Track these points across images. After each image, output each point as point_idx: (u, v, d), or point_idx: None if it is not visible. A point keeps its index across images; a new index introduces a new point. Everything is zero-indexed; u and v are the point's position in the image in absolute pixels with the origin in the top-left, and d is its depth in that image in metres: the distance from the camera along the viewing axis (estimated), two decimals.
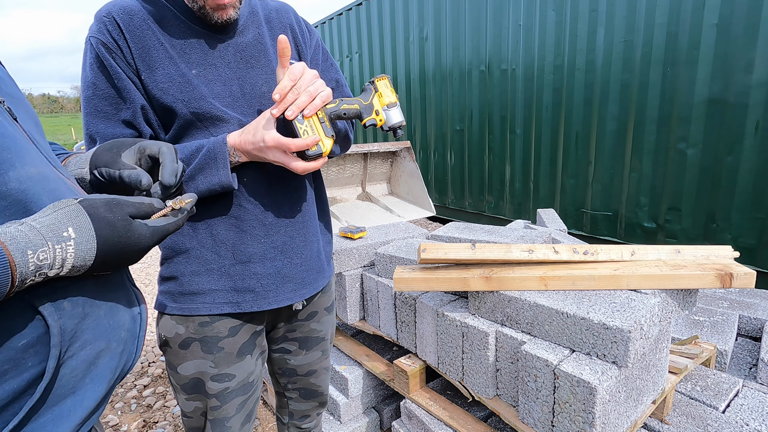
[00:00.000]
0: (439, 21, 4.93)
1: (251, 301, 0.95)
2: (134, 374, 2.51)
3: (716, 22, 2.79)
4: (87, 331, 0.51)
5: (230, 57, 0.91)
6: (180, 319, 0.94)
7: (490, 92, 4.49)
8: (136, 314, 0.60)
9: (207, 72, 0.88)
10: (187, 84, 0.86)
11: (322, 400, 1.24)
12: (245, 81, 0.92)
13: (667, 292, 1.18)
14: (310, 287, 1.03)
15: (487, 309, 1.30)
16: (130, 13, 0.84)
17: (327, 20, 6.97)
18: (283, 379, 1.19)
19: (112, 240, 0.48)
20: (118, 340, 0.55)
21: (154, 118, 0.88)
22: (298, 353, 1.13)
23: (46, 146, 0.59)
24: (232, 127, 0.90)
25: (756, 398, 1.34)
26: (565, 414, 1.05)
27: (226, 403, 0.99)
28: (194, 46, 0.88)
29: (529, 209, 4.30)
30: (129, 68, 0.84)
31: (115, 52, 0.83)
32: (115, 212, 0.49)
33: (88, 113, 0.86)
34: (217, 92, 0.89)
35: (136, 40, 0.84)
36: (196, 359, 0.96)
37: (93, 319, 0.52)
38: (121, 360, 0.57)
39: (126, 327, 0.57)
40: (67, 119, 63.42)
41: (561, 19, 3.70)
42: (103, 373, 0.53)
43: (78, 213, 0.46)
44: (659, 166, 3.21)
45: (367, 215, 3.30)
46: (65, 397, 0.49)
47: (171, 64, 0.85)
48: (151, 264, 4.54)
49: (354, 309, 1.85)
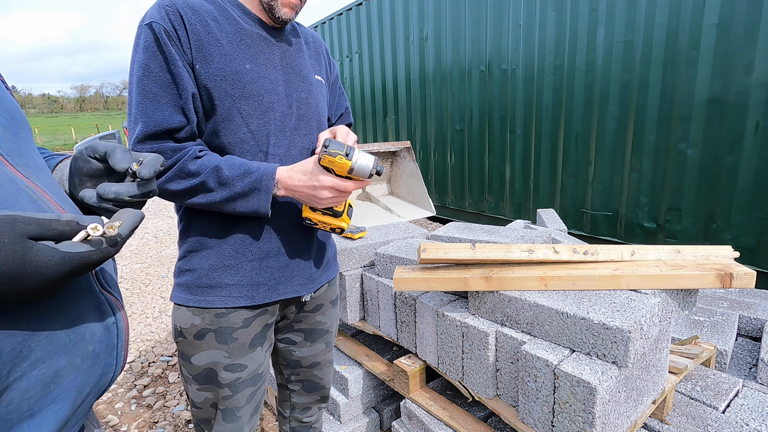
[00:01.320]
0: (439, 21, 4.93)
1: (264, 294, 1.00)
2: (134, 374, 2.51)
3: (716, 22, 2.79)
4: (37, 348, 0.45)
5: (278, 59, 0.99)
6: (196, 311, 0.98)
7: (490, 92, 4.49)
8: (110, 324, 0.54)
9: (259, 69, 0.95)
10: (238, 81, 0.91)
11: (323, 394, 1.27)
12: (289, 83, 1.00)
13: (667, 292, 1.18)
14: (317, 281, 1.11)
15: (487, 309, 1.30)
16: (193, 7, 0.89)
17: (327, 20, 6.97)
18: (287, 371, 1.22)
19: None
20: (83, 356, 0.49)
21: (200, 107, 0.92)
22: (303, 344, 1.18)
23: (12, 144, 0.53)
24: (270, 124, 0.96)
25: (756, 398, 1.34)
26: (565, 414, 1.05)
27: (237, 393, 1.02)
28: (248, 43, 0.94)
29: (529, 209, 4.30)
30: (185, 57, 0.88)
31: (174, 39, 0.86)
32: (4, 230, 0.38)
33: (139, 93, 0.87)
34: (266, 89, 0.95)
35: (195, 33, 0.88)
36: (211, 349, 0.99)
37: (45, 335, 0.46)
38: (92, 375, 0.51)
39: (96, 339, 0.51)
40: (67, 119, 63.45)
41: (561, 19, 3.70)
42: (67, 392, 0.48)
43: None
44: (659, 166, 3.21)
45: (367, 215, 3.30)
46: (21, 422, 0.44)
47: (225, 60, 0.90)
48: (150, 264, 4.54)
49: (354, 309, 1.85)
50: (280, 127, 0.98)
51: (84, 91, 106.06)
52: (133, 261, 4.73)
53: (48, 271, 0.41)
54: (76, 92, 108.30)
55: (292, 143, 1.01)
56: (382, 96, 6.16)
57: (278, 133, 0.98)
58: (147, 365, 2.60)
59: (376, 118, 6.42)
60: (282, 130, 0.98)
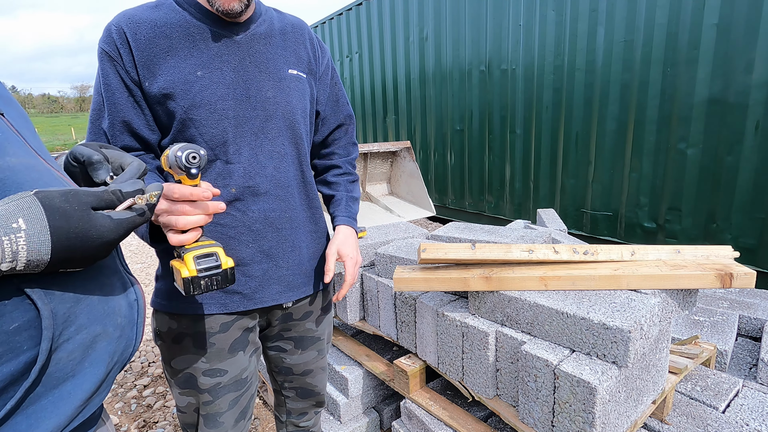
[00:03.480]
0: (439, 21, 4.93)
1: (238, 302, 0.98)
2: (134, 374, 2.51)
3: (716, 22, 2.79)
4: (81, 315, 0.52)
5: (237, 59, 0.93)
6: (173, 315, 0.97)
7: (490, 92, 4.49)
8: (132, 300, 0.60)
9: (212, 74, 0.90)
10: (188, 91, 0.88)
11: (318, 400, 1.25)
12: (250, 84, 0.94)
13: (667, 292, 1.18)
14: (298, 290, 1.06)
15: (487, 309, 1.30)
16: (138, 22, 0.87)
17: (327, 20, 6.97)
18: (279, 377, 1.20)
19: (68, 232, 0.46)
20: (114, 326, 0.56)
21: (151, 125, 0.92)
22: (293, 352, 1.14)
23: (36, 141, 0.59)
24: (227, 132, 0.92)
25: (756, 398, 1.34)
26: (565, 414, 1.05)
27: (218, 399, 1.00)
28: (202, 48, 0.90)
29: (529, 209, 4.30)
30: (128, 76, 0.87)
31: (116, 60, 0.87)
32: (71, 203, 0.47)
33: (91, 115, 0.92)
34: (219, 95, 0.91)
35: (140, 49, 0.86)
36: (189, 354, 0.98)
37: (86, 304, 0.52)
38: (119, 345, 0.57)
39: (122, 313, 0.58)
40: (67, 119, 63.41)
41: (561, 19, 3.70)
42: (102, 357, 0.54)
43: (31, 204, 0.44)
44: (659, 166, 3.21)
45: (367, 215, 3.30)
46: (65, 381, 0.50)
47: (174, 72, 0.88)
48: (150, 264, 4.54)
49: (354, 309, 1.85)
50: (239, 133, 0.92)
51: (84, 90, 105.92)
52: (133, 261, 4.73)
53: (106, 234, 0.49)
54: (76, 92, 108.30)
55: (259, 148, 0.95)
56: (382, 96, 6.16)
57: (238, 140, 0.93)
58: (147, 365, 2.61)
59: (376, 118, 6.42)
60: (242, 136, 0.93)
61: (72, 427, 0.51)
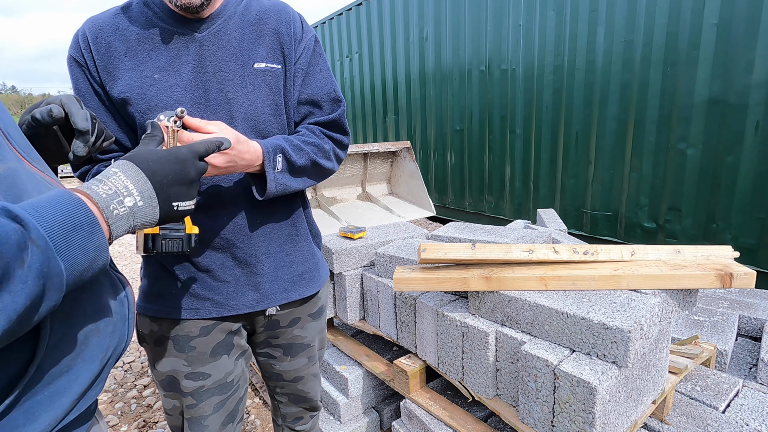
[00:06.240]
0: (439, 21, 4.93)
1: (210, 308, 0.96)
2: (134, 374, 2.51)
3: (716, 22, 2.79)
4: (74, 313, 0.54)
5: (197, 60, 0.89)
6: (153, 318, 0.97)
7: (490, 92, 4.49)
8: (122, 297, 0.62)
9: (169, 77, 0.88)
10: (144, 94, 0.87)
11: (312, 405, 1.23)
12: (208, 84, 0.89)
13: (667, 292, 1.18)
14: (275, 298, 1.01)
15: (487, 309, 1.30)
16: (100, 26, 0.88)
17: (327, 20, 6.97)
18: (271, 383, 1.19)
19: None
20: (106, 322, 0.58)
21: (123, 128, 0.92)
22: (282, 359, 1.12)
23: (22, 141, 0.60)
24: None
25: (756, 398, 1.34)
26: (565, 414, 1.05)
27: (201, 402, 1.00)
28: (161, 49, 0.88)
29: (529, 209, 4.30)
30: (94, 81, 0.89)
31: (83, 66, 0.88)
32: (193, 154, 0.65)
33: None
34: (176, 97, 0.88)
35: (100, 54, 0.87)
36: (171, 357, 0.97)
37: (77, 302, 0.55)
38: (112, 340, 0.59)
39: (113, 309, 0.60)
40: None
41: (561, 19, 3.70)
42: (95, 353, 0.56)
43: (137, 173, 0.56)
44: (659, 166, 3.21)
45: (367, 215, 3.30)
46: (60, 376, 0.52)
47: (133, 74, 0.88)
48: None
49: (354, 309, 1.85)
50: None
51: None
52: (133, 261, 4.73)
53: (200, 175, 0.66)
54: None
55: None
56: (382, 96, 6.15)
57: None
58: (147, 365, 2.60)
59: (376, 118, 6.42)
60: None
61: (68, 420, 0.53)
